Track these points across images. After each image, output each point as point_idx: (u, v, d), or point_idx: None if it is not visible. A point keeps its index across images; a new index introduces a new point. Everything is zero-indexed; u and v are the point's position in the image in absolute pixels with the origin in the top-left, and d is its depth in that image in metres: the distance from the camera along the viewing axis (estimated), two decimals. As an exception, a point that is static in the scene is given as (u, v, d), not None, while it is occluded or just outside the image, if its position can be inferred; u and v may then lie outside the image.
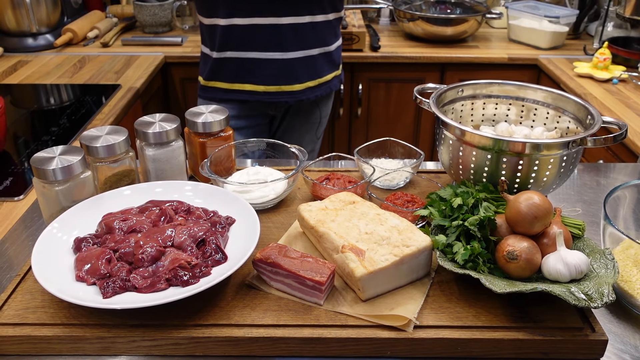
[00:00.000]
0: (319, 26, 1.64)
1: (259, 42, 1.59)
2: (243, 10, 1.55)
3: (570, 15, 2.43)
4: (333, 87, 1.81)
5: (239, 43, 1.60)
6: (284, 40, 1.60)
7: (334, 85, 1.81)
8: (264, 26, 1.57)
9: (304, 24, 1.60)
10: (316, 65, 1.69)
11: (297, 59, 1.63)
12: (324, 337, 0.75)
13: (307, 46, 1.64)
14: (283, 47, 1.60)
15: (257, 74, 1.64)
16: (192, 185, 0.99)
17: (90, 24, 2.53)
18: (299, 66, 1.65)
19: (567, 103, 1.05)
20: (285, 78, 1.65)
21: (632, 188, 0.96)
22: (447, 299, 0.81)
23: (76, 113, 1.73)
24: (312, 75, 1.69)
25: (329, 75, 1.76)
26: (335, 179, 1.07)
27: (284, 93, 1.68)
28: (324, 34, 1.67)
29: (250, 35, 1.58)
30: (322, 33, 1.66)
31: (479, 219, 0.83)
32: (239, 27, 1.57)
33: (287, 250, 0.83)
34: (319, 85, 1.73)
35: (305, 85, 1.69)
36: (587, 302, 0.72)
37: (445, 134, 1.00)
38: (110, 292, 0.76)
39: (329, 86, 1.78)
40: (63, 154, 0.93)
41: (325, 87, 1.76)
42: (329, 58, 1.73)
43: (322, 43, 1.67)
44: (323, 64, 1.71)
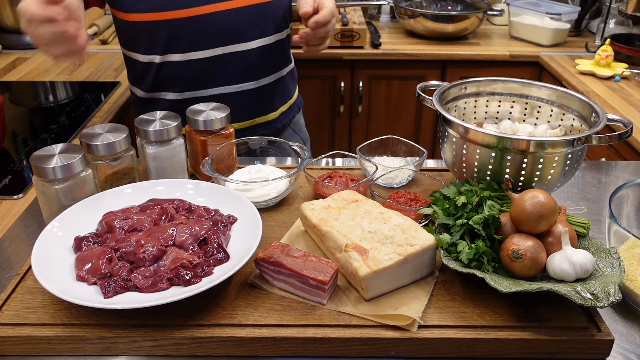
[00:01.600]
0: (285, 42, 1.45)
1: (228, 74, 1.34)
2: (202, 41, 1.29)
3: (571, 12, 2.42)
4: (300, 104, 1.62)
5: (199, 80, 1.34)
6: (255, 67, 1.37)
7: (300, 103, 1.62)
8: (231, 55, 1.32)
9: (272, 45, 1.38)
10: (285, 86, 1.50)
11: (269, 84, 1.42)
12: (327, 337, 0.74)
13: (276, 68, 1.44)
14: (254, 75, 1.38)
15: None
16: (194, 183, 0.98)
17: (89, 21, 2.51)
18: (272, 92, 1.44)
19: (572, 101, 1.04)
20: (257, 108, 1.43)
21: (636, 186, 0.95)
22: (452, 299, 0.80)
23: (75, 111, 1.72)
24: (284, 98, 1.50)
25: (294, 94, 1.58)
26: (337, 177, 1.06)
27: (259, 126, 1.45)
28: (288, 50, 1.50)
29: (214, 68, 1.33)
30: (287, 49, 1.48)
31: (483, 217, 0.82)
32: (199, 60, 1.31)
33: (290, 249, 0.82)
34: (290, 107, 1.54)
35: (279, 112, 1.49)
36: (593, 302, 0.72)
37: (448, 132, 0.99)
38: (111, 292, 0.76)
39: (297, 105, 1.59)
40: (63, 152, 0.92)
41: (295, 107, 1.57)
42: (292, 74, 1.55)
43: (288, 60, 1.50)
44: (290, 82, 1.53)
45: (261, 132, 1.45)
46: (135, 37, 1.34)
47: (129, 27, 1.33)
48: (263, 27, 1.34)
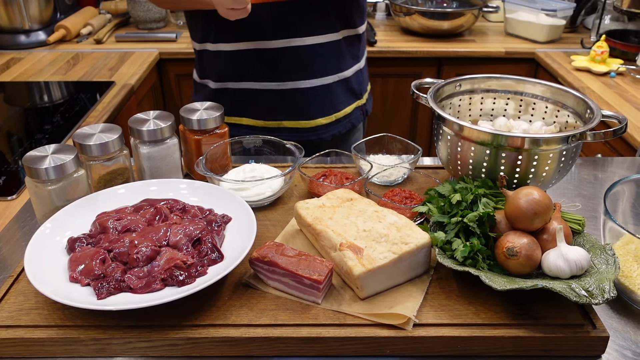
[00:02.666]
0: (325, 48, 1.32)
1: (250, 70, 1.33)
2: (227, 34, 1.30)
3: (567, 9, 2.42)
4: (355, 121, 1.47)
5: (230, 72, 1.35)
6: (279, 68, 1.31)
7: (355, 119, 1.47)
8: (257, 51, 1.30)
9: (303, 47, 1.29)
10: (332, 97, 1.37)
11: (299, 89, 1.33)
12: (322, 337, 0.74)
13: (312, 74, 1.33)
14: (278, 76, 1.32)
15: (253, 107, 1.38)
16: (187, 183, 0.98)
17: (84, 21, 2.50)
18: (303, 98, 1.34)
19: (566, 97, 1.04)
20: (286, 112, 1.37)
21: (631, 182, 0.95)
22: (447, 297, 0.80)
23: (70, 111, 1.71)
24: (325, 109, 1.38)
25: (347, 108, 1.43)
26: (332, 175, 1.06)
27: (286, 130, 1.39)
28: (335, 58, 1.35)
29: (238, 62, 1.32)
30: (333, 57, 1.35)
31: (478, 215, 0.82)
32: (225, 53, 1.33)
33: (284, 248, 0.82)
34: (336, 121, 1.41)
35: (315, 123, 1.38)
36: (588, 299, 0.72)
37: (443, 130, 0.99)
38: (104, 293, 0.75)
39: (349, 121, 1.44)
40: (56, 153, 0.92)
41: (345, 122, 1.43)
42: (346, 86, 1.40)
43: (334, 69, 1.36)
44: (340, 94, 1.39)
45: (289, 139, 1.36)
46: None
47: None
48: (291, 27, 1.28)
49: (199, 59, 1.42)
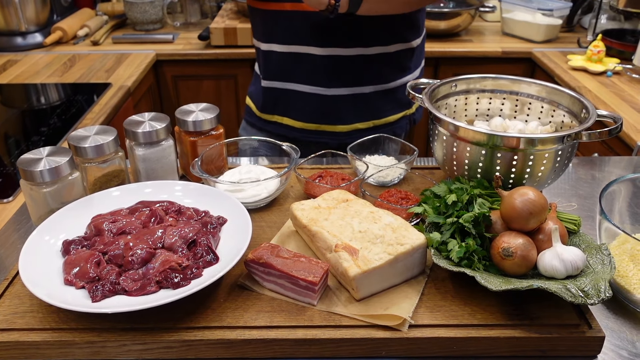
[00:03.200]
0: (374, 60, 1.35)
1: (299, 73, 1.36)
2: (281, 36, 1.34)
3: (563, 8, 2.42)
4: (398, 130, 1.46)
5: (279, 72, 1.39)
6: (325, 74, 1.34)
7: (399, 128, 1.46)
8: (303, 55, 1.33)
9: (351, 57, 1.32)
10: (369, 105, 1.40)
11: (342, 96, 1.36)
12: (318, 338, 0.74)
13: (354, 82, 1.36)
14: (323, 82, 1.35)
15: (296, 108, 1.41)
16: (182, 185, 0.98)
17: (80, 22, 2.50)
18: (344, 104, 1.38)
19: (562, 97, 1.04)
20: (326, 116, 1.40)
21: (627, 182, 0.95)
22: (443, 297, 0.80)
23: (66, 113, 1.71)
24: (364, 116, 1.41)
25: (391, 117, 1.44)
26: (328, 176, 1.06)
27: (324, 133, 1.42)
28: (380, 69, 1.37)
29: (289, 64, 1.35)
30: (377, 68, 1.36)
31: (473, 215, 0.82)
32: (277, 54, 1.36)
33: (280, 250, 0.82)
34: (375, 127, 1.43)
35: (352, 127, 1.41)
36: (583, 299, 0.71)
37: (439, 130, 0.99)
38: (99, 296, 0.75)
39: (391, 129, 1.45)
40: (50, 155, 0.92)
41: (385, 129, 1.43)
42: (392, 96, 1.42)
43: (377, 80, 1.38)
44: (379, 102, 1.41)
45: (326, 141, 1.42)
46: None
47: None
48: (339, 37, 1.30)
49: (257, 55, 1.47)
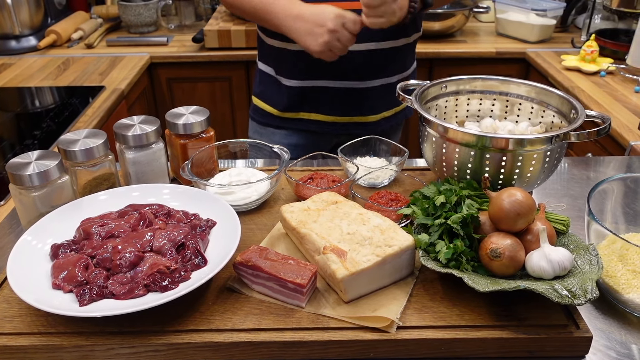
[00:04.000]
0: (401, 51, 1.44)
1: (333, 69, 1.39)
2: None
3: (557, 8, 2.43)
4: (408, 113, 1.60)
5: (311, 70, 1.41)
6: (360, 68, 1.40)
7: (408, 112, 1.60)
8: None
9: (385, 50, 1.39)
10: (394, 94, 1.45)
11: (375, 87, 1.44)
12: (305, 340, 0.74)
13: (386, 73, 1.44)
14: (360, 76, 1.41)
15: (328, 104, 1.45)
16: (171, 188, 0.98)
17: (75, 25, 2.50)
18: (376, 96, 1.45)
19: (551, 97, 1.04)
20: (359, 108, 1.47)
21: (619, 181, 0.95)
22: (431, 299, 0.80)
23: (59, 116, 1.71)
24: (390, 104, 1.50)
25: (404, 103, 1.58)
26: (319, 178, 1.06)
27: (355, 124, 1.49)
28: (405, 59, 1.48)
29: (323, 62, 1.33)
30: (403, 58, 1.47)
31: (461, 216, 0.82)
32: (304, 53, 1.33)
33: (268, 252, 0.82)
34: (395, 114, 1.54)
35: (380, 116, 1.49)
36: (570, 299, 0.72)
37: (428, 131, 0.99)
38: (87, 300, 0.75)
39: (404, 114, 1.58)
40: (39, 159, 0.91)
41: (400, 115, 1.57)
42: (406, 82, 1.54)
43: (401, 68, 1.48)
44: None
45: (357, 132, 1.43)
46: None
47: None
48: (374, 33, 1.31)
49: (276, 56, 1.46)
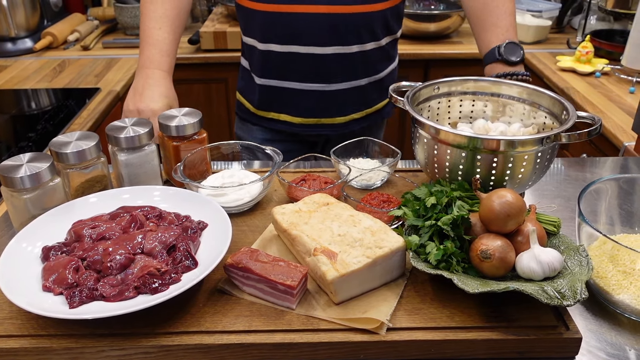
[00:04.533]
0: (371, 54, 1.43)
1: (298, 71, 1.41)
2: (280, 36, 1.37)
3: (552, 9, 2.43)
4: (385, 115, 1.60)
5: (276, 71, 1.43)
6: (327, 71, 1.40)
7: (385, 114, 1.60)
8: (305, 55, 1.37)
9: (353, 54, 1.39)
10: (364, 96, 1.49)
11: (342, 90, 1.44)
12: (295, 342, 0.74)
13: (353, 77, 1.44)
14: (325, 79, 1.41)
15: (294, 105, 1.46)
16: (162, 190, 0.98)
17: (71, 27, 2.50)
18: (343, 98, 1.46)
19: (542, 98, 1.05)
20: (326, 110, 1.47)
21: (612, 182, 0.95)
22: (422, 300, 0.80)
23: (54, 118, 1.71)
24: (359, 106, 1.50)
25: (379, 104, 1.55)
26: (311, 180, 1.06)
27: (324, 126, 1.49)
28: (375, 62, 1.46)
29: (288, 63, 1.40)
30: (373, 61, 1.45)
31: (452, 218, 0.82)
32: (276, 53, 1.39)
33: (259, 254, 0.82)
34: (367, 115, 1.54)
35: (349, 118, 1.50)
36: (559, 300, 0.72)
37: (420, 133, 0.99)
38: (77, 302, 0.75)
39: (380, 115, 1.58)
40: (31, 161, 0.91)
41: (376, 116, 1.57)
42: (381, 85, 1.52)
43: (371, 71, 1.47)
44: (372, 93, 1.51)
45: (326, 133, 1.50)
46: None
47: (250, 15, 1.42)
48: (341, 37, 1.36)
49: (248, 52, 1.48)
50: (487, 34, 1.37)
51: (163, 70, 1.29)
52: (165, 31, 1.30)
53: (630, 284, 0.81)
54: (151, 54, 1.28)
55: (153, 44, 1.29)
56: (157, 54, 1.28)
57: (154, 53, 1.28)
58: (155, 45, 1.29)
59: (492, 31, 1.35)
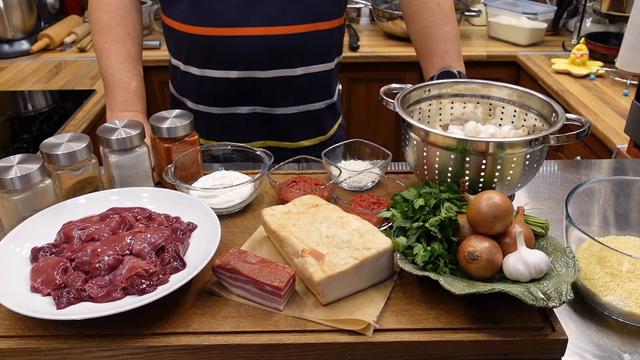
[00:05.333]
0: (318, 77, 1.35)
1: (240, 97, 1.33)
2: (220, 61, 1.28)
3: (548, 12, 2.44)
4: (338, 139, 1.47)
5: (215, 97, 1.34)
6: (272, 95, 1.33)
7: (338, 137, 1.49)
8: (247, 80, 1.30)
9: (298, 77, 1.31)
10: (318, 121, 1.40)
11: (291, 114, 1.35)
12: (282, 343, 0.74)
13: (304, 100, 1.36)
14: (270, 103, 1.34)
15: (237, 132, 1.37)
16: (150, 191, 0.98)
17: (68, 29, 2.51)
18: (292, 123, 1.37)
19: (532, 100, 1.05)
20: (273, 134, 1.38)
21: (604, 183, 0.96)
22: (409, 302, 0.80)
23: (49, 120, 1.71)
24: (310, 132, 1.40)
25: (332, 129, 1.47)
26: (302, 181, 1.06)
27: (269, 148, 1.37)
28: (326, 85, 1.39)
29: (228, 89, 1.32)
30: (323, 84, 1.38)
31: (439, 219, 0.82)
32: (214, 79, 1.31)
33: (247, 255, 0.82)
34: (321, 143, 1.44)
35: (298, 144, 1.41)
36: (545, 302, 0.72)
37: (410, 135, 0.99)
38: (64, 303, 0.75)
39: (333, 140, 1.46)
40: (21, 163, 0.92)
41: (329, 143, 1.44)
42: (334, 109, 1.44)
43: (325, 95, 1.39)
44: (327, 117, 1.42)
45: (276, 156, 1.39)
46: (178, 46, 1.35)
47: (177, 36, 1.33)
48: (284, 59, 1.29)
49: (179, 77, 1.39)
50: (424, 64, 1.36)
51: (143, 112, 1.26)
52: (134, 73, 1.26)
53: (617, 286, 0.81)
54: (127, 97, 1.25)
55: (126, 87, 1.25)
56: (133, 97, 1.25)
57: (129, 97, 1.25)
58: (128, 89, 1.25)
59: (429, 60, 1.33)
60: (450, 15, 1.31)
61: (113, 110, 1.25)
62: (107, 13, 1.26)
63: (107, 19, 1.26)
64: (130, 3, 1.29)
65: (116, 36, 1.26)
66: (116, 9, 1.26)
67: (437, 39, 1.31)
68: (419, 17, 1.32)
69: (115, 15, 1.26)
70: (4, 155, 1.48)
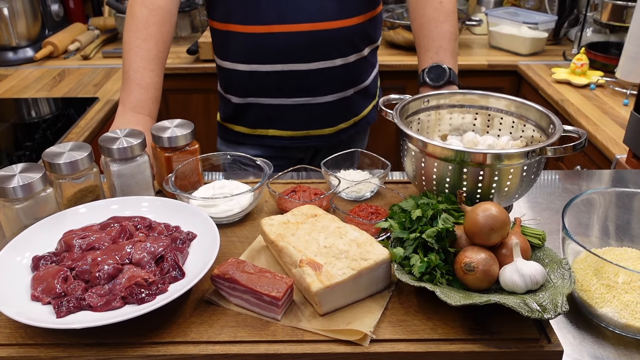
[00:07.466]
0: (352, 66, 1.45)
1: (285, 88, 1.41)
2: (264, 57, 1.38)
3: (549, 22, 2.45)
4: (371, 120, 1.62)
5: (262, 90, 1.43)
6: (313, 86, 1.42)
7: (371, 119, 1.62)
8: (290, 72, 1.39)
9: (335, 68, 1.40)
10: (351, 105, 1.51)
11: (329, 102, 1.45)
12: (279, 353, 0.75)
13: (339, 88, 1.45)
14: (312, 93, 1.43)
15: (283, 120, 1.47)
16: (149, 201, 0.99)
17: (72, 37, 2.53)
18: (331, 110, 1.47)
19: (529, 111, 1.06)
20: (315, 123, 1.48)
21: (604, 194, 0.96)
22: (406, 312, 0.81)
23: (52, 127, 1.72)
24: (347, 116, 1.51)
25: (365, 111, 1.58)
26: (301, 191, 1.07)
27: (312, 137, 1.50)
28: (359, 72, 1.49)
29: (272, 81, 1.41)
30: (357, 71, 1.48)
31: (436, 230, 0.83)
32: (261, 73, 1.40)
33: (245, 265, 0.83)
34: (354, 124, 1.55)
35: (338, 128, 1.51)
36: (540, 313, 0.72)
37: (408, 146, 1.00)
38: (64, 311, 0.76)
39: (366, 121, 1.60)
40: (23, 172, 0.93)
41: (363, 123, 1.58)
42: (365, 93, 1.55)
43: (357, 81, 1.49)
44: (358, 101, 1.53)
45: (315, 144, 1.53)
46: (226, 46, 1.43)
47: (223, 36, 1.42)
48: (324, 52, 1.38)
49: (224, 75, 1.48)
50: (419, 57, 1.42)
51: (153, 118, 1.28)
52: (157, 75, 1.28)
53: (613, 298, 0.81)
54: (143, 98, 1.26)
55: (145, 87, 1.26)
56: (148, 99, 1.27)
57: (145, 98, 1.26)
58: (147, 89, 1.27)
59: (423, 54, 1.40)
60: (451, 15, 1.37)
61: (125, 107, 1.27)
62: (149, 10, 1.28)
63: (147, 16, 1.28)
64: (173, 7, 1.32)
65: (150, 35, 1.28)
66: (158, 9, 1.29)
67: (434, 35, 1.37)
68: (421, 12, 1.39)
69: (156, 14, 1.29)
70: (8, 162, 1.50)
